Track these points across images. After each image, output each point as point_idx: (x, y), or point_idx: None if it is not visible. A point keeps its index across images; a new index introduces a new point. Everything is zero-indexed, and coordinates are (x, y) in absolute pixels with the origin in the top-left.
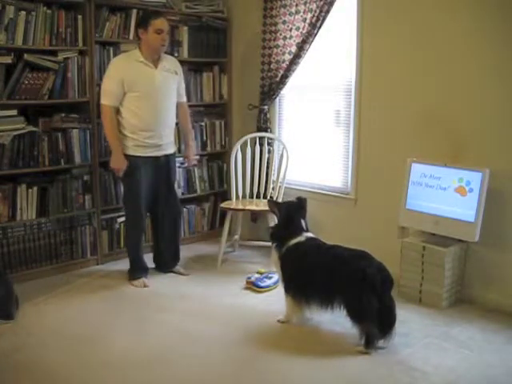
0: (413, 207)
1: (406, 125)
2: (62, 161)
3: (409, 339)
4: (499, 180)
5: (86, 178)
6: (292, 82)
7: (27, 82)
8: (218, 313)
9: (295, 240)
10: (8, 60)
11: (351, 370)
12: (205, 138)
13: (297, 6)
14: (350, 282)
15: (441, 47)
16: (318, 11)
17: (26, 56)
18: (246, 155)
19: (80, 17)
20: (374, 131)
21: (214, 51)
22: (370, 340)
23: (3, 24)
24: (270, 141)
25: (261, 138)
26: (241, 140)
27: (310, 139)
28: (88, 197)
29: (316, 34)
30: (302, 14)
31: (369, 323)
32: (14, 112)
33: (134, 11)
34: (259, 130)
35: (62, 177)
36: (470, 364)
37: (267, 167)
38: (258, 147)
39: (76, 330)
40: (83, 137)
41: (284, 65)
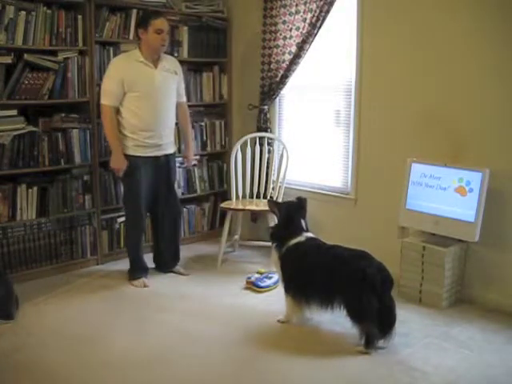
0: (413, 207)
1: (406, 125)
2: (62, 161)
3: (409, 339)
4: (499, 180)
5: (86, 178)
6: (292, 82)
7: (27, 82)
8: (218, 313)
9: (295, 240)
10: (8, 60)
11: (351, 370)
12: (205, 137)
13: (297, 5)
14: (350, 281)
15: (441, 47)
16: (318, 11)
17: (26, 56)
18: (246, 155)
19: (80, 17)
20: (373, 131)
21: (214, 51)
22: (370, 340)
23: (3, 24)
24: (269, 141)
25: (261, 138)
26: (241, 140)
27: (310, 139)
28: (88, 197)
29: (316, 34)
30: (302, 13)
31: (369, 323)
32: (14, 112)
33: (134, 11)
34: (259, 130)
35: (62, 177)
36: (469, 364)
37: (267, 167)
38: (258, 147)
39: (76, 330)
40: (83, 137)
41: (284, 65)
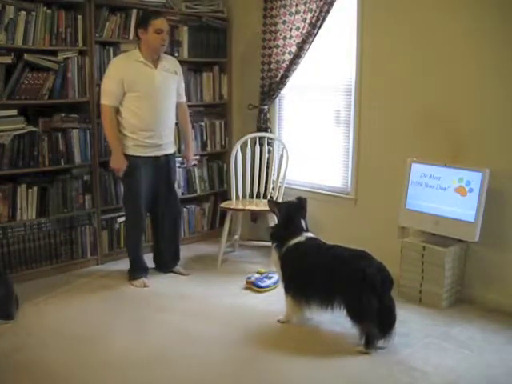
0: (413, 207)
1: (406, 125)
2: (62, 161)
3: (409, 339)
4: (499, 180)
5: (86, 177)
6: (292, 82)
7: (27, 82)
8: (218, 313)
9: (295, 240)
10: (8, 60)
11: (351, 370)
12: (205, 137)
13: (297, 5)
14: (350, 281)
15: (441, 47)
16: (318, 11)
17: (26, 56)
18: (246, 155)
19: (80, 17)
20: (374, 131)
21: (214, 51)
22: (370, 340)
23: (3, 24)
24: (270, 141)
25: (261, 138)
26: (241, 140)
27: (310, 139)
28: (88, 197)
29: (316, 34)
30: (302, 13)
31: (369, 323)
32: (14, 112)
33: (134, 11)
34: (259, 130)
35: (62, 177)
36: (469, 364)
37: (267, 167)
38: (258, 147)
39: (76, 330)
40: (83, 137)
41: (284, 65)
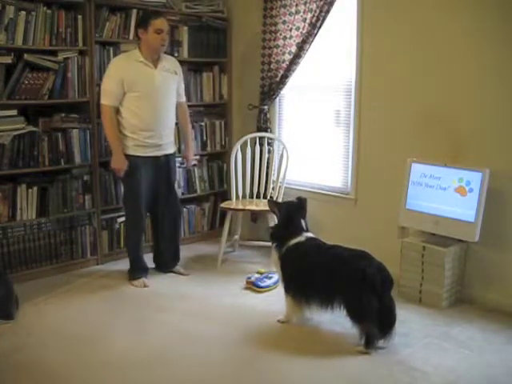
0: (413, 207)
1: (406, 125)
2: (62, 161)
3: (409, 339)
4: (499, 180)
5: (86, 177)
6: (292, 82)
7: (27, 82)
8: (218, 313)
9: (295, 240)
10: (8, 60)
11: (351, 370)
12: (205, 137)
13: (297, 5)
14: (350, 281)
15: (441, 47)
16: (318, 11)
17: (26, 56)
18: (246, 155)
19: (80, 17)
20: (374, 131)
21: (214, 51)
22: (370, 340)
23: (3, 24)
24: (270, 141)
25: (261, 138)
26: (241, 140)
27: (310, 139)
28: (88, 197)
29: (316, 34)
30: (302, 13)
31: (369, 323)
32: (14, 112)
33: (134, 11)
34: (259, 130)
35: (62, 177)
36: (469, 364)
37: (267, 167)
38: (258, 147)
39: (76, 330)
40: (83, 137)
41: (284, 65)
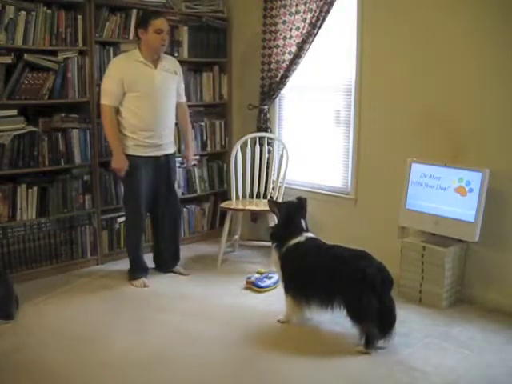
0: (413, 207)
1: (406, 125)
2: (62, 161)
3: (409, 339)
4: (499, 180)
5: (86, 177)
6: (292, 82)
7: (27, 82)
8: (218, 313)
9: (295, 240)
10: (8, 60)
11: (351, 370)
12: (205, 137)
13: (297, 5)
14: (350, 282)
15: (441, 47)
16: (318, 11)
17: (26, 56)
18: (246, 155)
19: (80, 17)
20: (374, 131)
21: (214, 51)
22: (370, 340)
23: (3, 24)
24: (270, 141)
25: (261, 138)
26: (241, 140)
27: (310, 139)
28: (88, 197)
29: (316, 34)
30: (302, 13)
31: (369, 323)
32: (14, 112)
33: (134, 11)
34: (259, 130)
35: (62, 177)
36: (469, 364)
37: (267, 167)
38: (258, 147)
39: (76, 330)
40: (83, 137)
41: (284, 65)
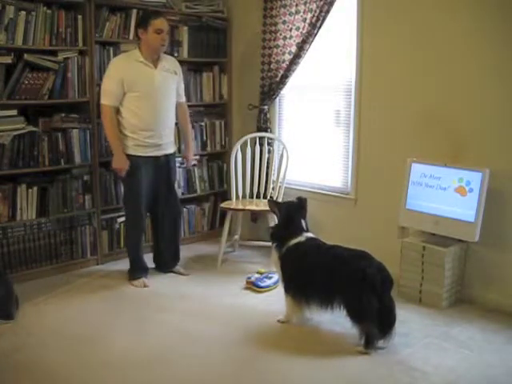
0: (413, 207)
1: (406, 125)
2: (62, 161)
3: (409, 339)
4: (499, 180)
5: (86, 177)
6: (292, 82)
7: (27, 82)
8: (218, 313)
9: (295, 240)
10: (8, 60)
11: (351, 370)
12: (205, 137)
13: (297, 5)
14: (350, 281)
15: (441, 47)
16: (318, 11)
17: (26, 56)
18: (246, 155)
19: (80, 17)
20: (374, 131)
21: (214, 51)
22: (369, 340)
23: (3, 24)
24: (270, 141)
25: (261, 138)
26: (241, 140)
27: (310, 139)
28: (88, 197)
29: (316, 34)
30: (302, 13)
31: (369, 323)
32: (14, 112)
33: (134, 11)
34: (259, 130)
35: (62, 177)
36: (469, 364)
37: (267, 167)
38: (258, 147)
39: (76, 330)
40: (83, 137)
41: (284, 65)
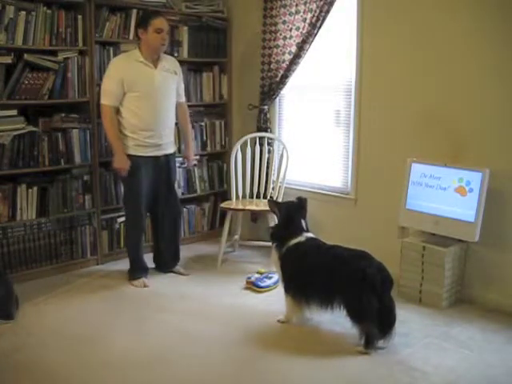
0: (413, 207)
1: (406, 125)
2: (62, 161)
3: (409, 339)
4: (499, 180)
5: (86, 177)
6: (292, 82)
7: (27, 82)
8: (218, 313)
9: (295, 240)
10: (8, 60)
11: (351, 370)
12: (205, 138)
13: (297, 5)
14: (350, 281)
15: (441, 47)
16: (318, 11)
17: (26, 56)
18: (246, 155)
19: (80, 17)
20: (374, 131)
21: (214, 51)
22: (369, 340)
23: (3, 24)
24: (270, 141)
25: (261, 138)
26: (241, 140)
27: (310, 139)
28: (88, 197)
29: (316, 34)
30: (302, 13)
31: (369, 323)
32: (14, 112)
33: (134, 11)
34: (259, 130)
35: (62, 177)
36: (469, 364)
37: (267, 167)
38: (258, 147)
39: (76, 330)
40: (83, 137)
41: (284, 65)
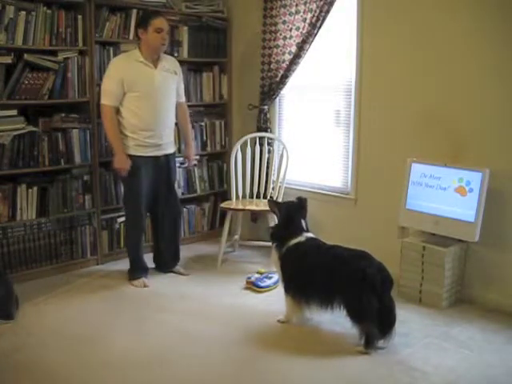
0: (413, 207)
1: (406, 125)
2: (62, 161)
3: (409, 339)
4: (499, 180)
5: (86, 177)
6: (292, 82)
7: (27, 82)
8: (218, 313)
9: (295, 240)
10: (8, 60)
11: (351, 370)
12: (205, 137)
13: (297, 5)
14: (350, 281)
15: (441, 47)
16: (318, 11)
17: (26, 56)
18: (246, 155)
19: (80, 17)
20: (374, 131)
21: (214, 51)
22: (369, 340)
23: (3, 24)
24: (270, 141)
25: (261, 138)
26: (241, 140)
27: (310, 139)
28: (88, 197)
29: (316, 34)
30: (302, 13)
31: (369, 323)
32: (14, 112)
33: (134, 11)
34: (259, 130)
35: (62, 177)
36: (469, 364)
37: (267, 167)
38: (258, 147)
39: (76, 330)
40: (83, 137)
41: (284, 65)
